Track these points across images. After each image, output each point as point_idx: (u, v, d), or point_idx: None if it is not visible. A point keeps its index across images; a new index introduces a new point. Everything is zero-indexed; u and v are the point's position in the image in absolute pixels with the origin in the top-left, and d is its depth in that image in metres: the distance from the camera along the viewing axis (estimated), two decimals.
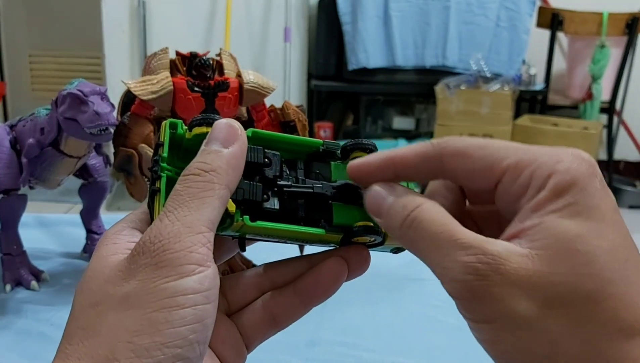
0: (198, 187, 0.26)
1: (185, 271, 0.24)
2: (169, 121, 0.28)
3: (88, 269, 0.26)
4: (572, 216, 0.24)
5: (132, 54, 2.66)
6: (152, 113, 0.63)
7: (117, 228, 0.28)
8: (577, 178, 0.24)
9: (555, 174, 0.25)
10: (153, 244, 0.24)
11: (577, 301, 0.23)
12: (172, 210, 0.25)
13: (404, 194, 0.27)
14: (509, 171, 0.26)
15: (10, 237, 0.67)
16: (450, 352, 0.57)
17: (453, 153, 0.27)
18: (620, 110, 2.89)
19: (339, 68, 2.76)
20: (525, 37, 2.65)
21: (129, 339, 0.23)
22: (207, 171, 0.26)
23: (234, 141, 0.27)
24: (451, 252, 0.25)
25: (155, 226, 0.25)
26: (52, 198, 1.46)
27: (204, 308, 0.24)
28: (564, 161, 0.25)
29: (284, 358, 0.54)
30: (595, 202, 0.24)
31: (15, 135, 0.65)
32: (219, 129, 0.27)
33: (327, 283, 0.30)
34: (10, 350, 0.54)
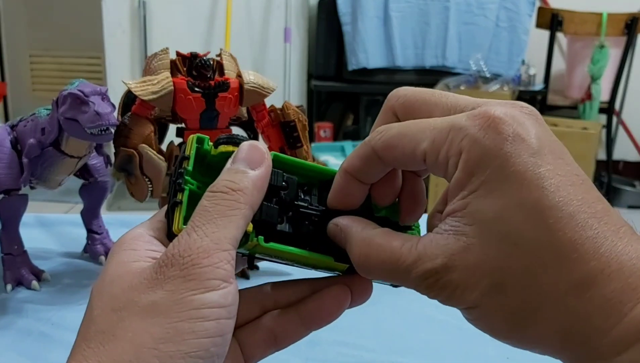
0: (225, 205, 0.26)
1: (211, 285, 0.25)
2: (197, 136, 0.29)
3: (107, 272, 0.27)
4: (487, 194, 0.24)
5: (133, 54, 2.66)
6: (153, 113, 0.63)
7: (134, 234, 0.28)
8: (485, 151, 0.24)
9: (463, 151, 0.25)
10: (182, 257, 0.25)
11: (516, 281, 0.24)
12: (201, 226, 0.26)
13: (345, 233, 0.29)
14: (427, 154, 0.26)
15: (11, 237, 0.67)
16: (450, 352, 0.57)
17: (383, 147, 0.28)
18: (619, 110, 2.89)
19: (339, 68, 2.76)
20: (524, 37, 2.66)
21: (155, 346, 0.24)
22: (234, 191, 0.27)
23: (261, 164, 0.28)
24: (406, 276, 0.26)
25: (184, 240, 0.26)
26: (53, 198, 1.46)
27: (226, 323, 0.25)
28: (468, 135, 0.25)
29: (284, 358, 0.54)
30: (506, 172, 0.24)
31: (16, 135, 0.65)
32: (247, 151, 0.28)
33: (330, 308, 0.31)
34: (10, 349, 0.54)
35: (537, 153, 0.24)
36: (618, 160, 3.06)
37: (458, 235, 0.25)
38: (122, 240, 0.28)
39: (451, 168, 0.25)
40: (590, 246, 0.23)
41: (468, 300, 0.25)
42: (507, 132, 0.24)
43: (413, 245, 0.26)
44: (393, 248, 0.27)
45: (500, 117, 0.25)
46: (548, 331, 0.24)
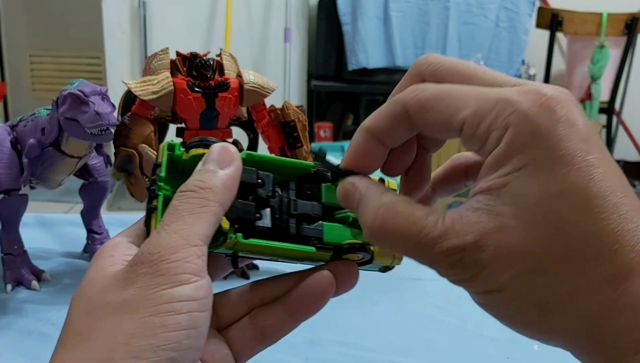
0: (194, 203, 0.27)
1: (181, 279, 0.25)
2: (167, 143, 0.30)
3: (85, 279, 0.27)
4: (532, 175, 0.23)
5: (133, 54, 2.66)
6: (153, 113, 0.63)
7: (115, 242, 0.29)
8: (534, 130, 0.23)
9: (511, 126, 0.23)
10: (151, 254, 0.26)
11: (554, 268, 0.23)
12: (170, 224, 0.26)
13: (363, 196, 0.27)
14: (466, 123, 0.25)
15: (11, 237, 0.67)
16: (450, 351, 0.57)
17: (416, 107, 0.26)
18: (619, 110, 2.89)
19: (339, 68, 2.76)
20: (524, 37, 2.66)
21: (126, 341, 0.24)
22: (203, 189, 0.27)
23: (230, 163, 0.28)
24: (427, 250, 0.25)
25: (154, 239, 0.26)
26: (53, 198, 1.46)
27: (198, 316, 0.25)
28: (519, 110, 0.23)
29: (284, 358, 0.54)
30: (558, 152, 0.23)
31: (16, 135, 0.65)
32: (216, 152, 0.29)
33: (314, 297, 0.31)
34: (10, 349, 0.54)
35: (586, 140, 0.23)
36: (618, 160, 3.05)
37: (493, 215, 0.23)
38: (102, 248, 0.29)
39: (491, 142, 0.24)
40: (630, 239, 0.22)
41: (494, 282, 0.24)
42: (560, 114, 0.23)
43: (439, 218, 0.25)
44: (416, 218, 0.25)
45: (554, 97, 0.24)
46: (576, 322, 0.23)
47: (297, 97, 2.84)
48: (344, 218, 0.31)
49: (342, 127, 2.99)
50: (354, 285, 0.31)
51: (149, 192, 0.29)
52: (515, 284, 0.23)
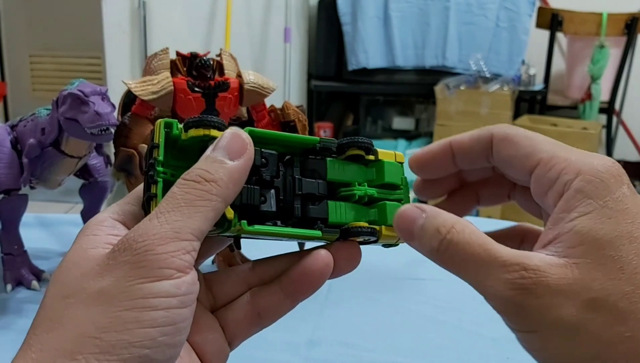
0: (195, 194, 0.25)
1: (163, 274, 0.24)
2: (164, 121, 0.28)
3: (65, 259, 0.26)
4: (602, 220, 0.25)
5: (133, 54, 2.66)
6: (153, 113, 0.63)
7: (99, 219, 0.27)
8: (605, 180, 0.26)
9: (582, 173, 0.26)
10: (136, 242, 0.24)
11: (615, 303, 0.24)
12: (164, 212, 0.25)
13: (435, 216, 0.27)
14: (542, 162, 0.27)
15: (11, 237, 0.67)
16: (450, 352, 0.57)
17: (502, 137, 0.29)
18: (619, 110, 2.89)
19: (339, 68, 2.76)
20: (524, 37, 2.66)
21: (96, 335, 0.23)
22: (207, 181, 0.26)
23: (241, 155, 0.27)
24: (492, 271, 0.25)
25: (143, 225, 0.25)
26: (53, 198, 1.46)
27: (177, 312, 0.24)
28: (592, 163, 0.26)
29: (284, 358, 0.54)
30: (624, 206, 0.26)
31: (16, 135, 0.65)
32: (229, 139, 0.27)
33: (311, 277, 0.30)
34: (10, 349, 0.54)
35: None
36: (618, 160, 3.03)
37: (561, 257, 0.25)
38: (86, 226, 0.27)
39: (559, 185, 0.26)
40: None
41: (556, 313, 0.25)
42: (625, 177, 0.27)
43: (512, 250, 0.26)
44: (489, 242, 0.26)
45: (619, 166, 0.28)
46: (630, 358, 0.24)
47: (297, 97, 2.84)
48: (349, 195, 0.30)
49: (342, 127, 2.99)
50: (355, 265, 0.31)
51: (147, 177, 0.27)
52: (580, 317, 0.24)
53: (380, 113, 2.92)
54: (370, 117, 2.92)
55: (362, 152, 0.31)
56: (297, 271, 0.30)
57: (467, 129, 0.31)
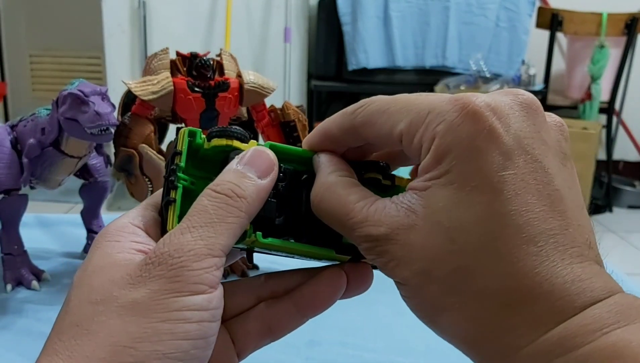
0: (226, 210, 0.26)
1: (197, 289, 0.24)
2: (188, 129, 0.28)
3: (89, 263, 0.26)
4: (446, 185, 0.24)
5: (133, 54, 2.66)
6: (153, 113, 0.63)
7: (119, 225, 0.27)
8: (455, 141, 0.24)
9: (437, 137, 0.24)
10: (172, 257, 0.24)
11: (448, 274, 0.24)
12: (197, 227, 0.25)
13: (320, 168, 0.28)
14: (403, 135, 0.26)
15: (11, 237, 0.67)
16: (450, 352, 0.57)
17: (362, 122, 0.27)
18: (619, 110, 2.89)
19: (339, 68, 2.76)
20: (524, 37, 2.65)
21: (130, 344, 0.23)
22: (239, 196, 0.26)
23: (269, 174, 0.27)
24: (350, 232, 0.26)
25: (177, 239, 0.25)
26: (53, 198, 1.46)
27: (209, 326, 0.25)
28: (445, 120, 0.24)
29: (284, 358, 0.54)
30: (469, 168, 0.23)
31: (16, 135, 0.65)
32: (258, 156, 0.27)
33: (324, 293, 0.30)
34: (10, 349, 0.54)
35: (507, 153, 0.23)
36: (618, 160, 3.06)
37: (409, 212, 0.25)
38: (106, 230, 0.27)
39: (423, 154, 0.25)
40: (527, 264, 0.23)
41: (399, 275, 0.25)
42: (483, 125, 0.23)
43: (367, 204, 0.26)
44: (347, 201, 0.26)
45: (478, 108, 0.24)
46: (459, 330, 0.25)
47: (297, 97, 2.84)
48: None
49: None
50: (367, 287, 0.31)
51: (167, 182, 0.28)
52: (414, 281, 0.25)
53: None
54: None
55: (380, 176, 0.30)
56: (310, 288, 0.30)
57: None
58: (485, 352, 0.24)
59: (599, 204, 2.79)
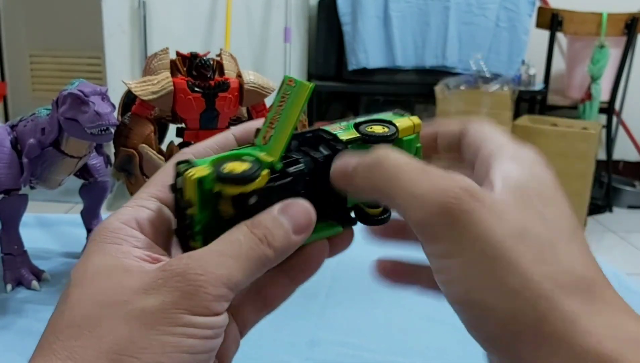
0: (257, 256, 0.26)
1: (208, 312, 0.24)
2: (197, 179, 0.26)
3: (90, 262, 0.26)
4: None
5: (133, 54, 2.66)
6: (153, 113, 0.63)
7: (115, 226, 0.27)
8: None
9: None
10: (194, 274, 0.24)
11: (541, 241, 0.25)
12: (227, 256, 0.25)
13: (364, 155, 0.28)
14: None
15: (11, 237, 0.67)
16: (450, 352, 0.57)
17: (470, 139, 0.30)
18: (619, 110, 2.89)
19: (339, 68, 2.76)
20: (524, 37, 2.65)
21: (134, 354, 0.23)
22: (270, 246, 0.26)
23: (303, 232, 0.27)
24: (426, 180, 0.26)
25: (203, 259, 0.25)
26: (53, 198, 1.46)
27: (212, 342, 0.25)
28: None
29: (284, 358, 0.54)
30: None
31: (16, 135, 0.65)
32: (301, 214, 0.27)
33: (312, 259, 0.31)
34: (10, 349, 0.54)
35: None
36: (618, 160, 3.06)
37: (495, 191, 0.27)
38: (102, 231, 0.27)
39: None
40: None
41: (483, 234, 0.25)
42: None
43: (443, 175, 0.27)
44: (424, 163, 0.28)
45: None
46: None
47: None
48: None
49: None
50: (349, 244, 0.32)
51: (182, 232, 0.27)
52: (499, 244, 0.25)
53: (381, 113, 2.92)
54: None
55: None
56: (298, 259, 0.31)
57: None
58: None
59: (599, 204, 2.79)
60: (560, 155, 2.36)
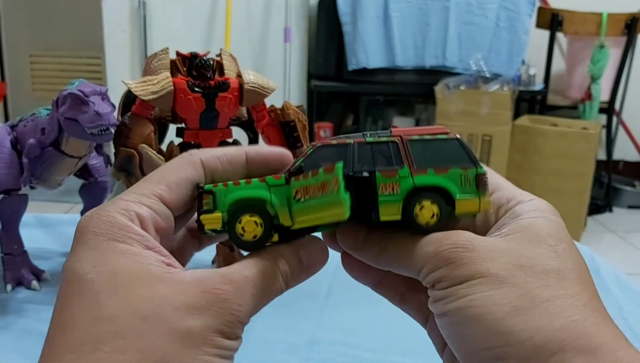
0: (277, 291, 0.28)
1: (236, 337, 0.26)
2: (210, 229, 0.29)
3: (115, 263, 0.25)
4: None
5: (133, 54, 2.66)
6: (153, 113, 0.63)
7: (121, 223, 0.27)
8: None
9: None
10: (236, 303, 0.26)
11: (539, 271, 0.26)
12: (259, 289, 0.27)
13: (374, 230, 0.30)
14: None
15: (11, 237, 0.67)
16: None
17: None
18: (619, 110, 2.89)
19: (339, 68, 2.76)
20: (524, 37, 2.65)
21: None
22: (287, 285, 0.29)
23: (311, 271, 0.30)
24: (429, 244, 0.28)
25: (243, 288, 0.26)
26: (53, 198, 1.46)
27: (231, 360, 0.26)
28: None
29: (284, 358, 0.54)
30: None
31: (16, 135, 0.65)
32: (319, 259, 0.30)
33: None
34: (10, 349, 0.54)
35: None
36: (618, 160, 3.06)
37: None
38: (108, 226, 0.26)
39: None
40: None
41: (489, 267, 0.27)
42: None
43: None
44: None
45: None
46: None
47: (297, 97, 2.84)
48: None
49: (342, 127, 2.99)
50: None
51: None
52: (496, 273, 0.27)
53: (380, 113, 2.92)
54: (370, 117, 2.92)
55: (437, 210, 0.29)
56: None
57: (467, 129, 0.31)
58: None
59: (599, 204, 2.79)
60: (560, 155, 2.36)
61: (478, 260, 0.27)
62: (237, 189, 0.29)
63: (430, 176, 0.29)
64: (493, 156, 2.40)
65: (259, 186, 0.29)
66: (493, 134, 2.40)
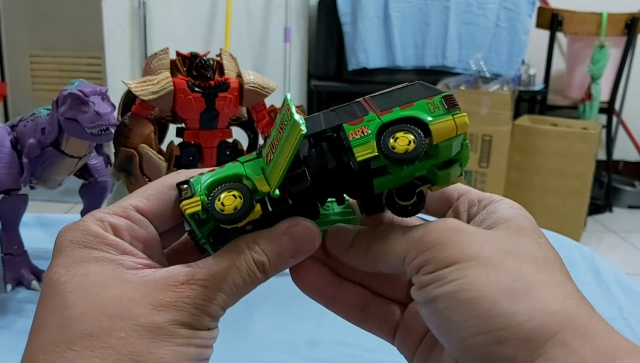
0: (253, 282, 0.28)
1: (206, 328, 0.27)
2: (189, 214, 0.28)
3: (86, 269, 0.26)
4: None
5: (132, 54, 2.66)
6: (153, 113, 0.63)
7: (95, 231, 0.27)
8: None
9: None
10: (202, 299, 0.26)
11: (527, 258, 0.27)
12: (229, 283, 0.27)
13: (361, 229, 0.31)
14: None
15: (11, 237, 0.67)
16: None
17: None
18: (619, 110, 2.89)
19: (339, 68, 2.76)
20: (524, 37, 2.66)
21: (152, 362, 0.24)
22: (265, 275, 0.28)
23: (300, 256, 0.29)
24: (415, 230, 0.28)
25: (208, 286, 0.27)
26: (53, 198, 1.46)
27: (206, 351, 0.27)
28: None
29: (284, 358, 0.54)
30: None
31: (16, 135, 0.65)
32: (306, 240, 0.29)
33: None
34: (10, 350, 0.54)
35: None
36: (618, 160, 3.06)
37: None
38: (83, 234, 0.27)
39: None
40: None
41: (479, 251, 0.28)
42: None
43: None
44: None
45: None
46: None
47: (297, 97, 2.84)
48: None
49: None
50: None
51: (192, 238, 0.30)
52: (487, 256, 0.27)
53: None
54: None
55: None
56: None
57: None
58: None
59: (599, 204, 2.79)
60: (560, 155, 2.36)
61: (466, 243, 0.27)
62: (212, 174, 0.29)
63: (397, 112, 0.28)
64: (493, 156, 2.40)
65: (232, 166, 0.29)
66: (493, 134, 2.40)
